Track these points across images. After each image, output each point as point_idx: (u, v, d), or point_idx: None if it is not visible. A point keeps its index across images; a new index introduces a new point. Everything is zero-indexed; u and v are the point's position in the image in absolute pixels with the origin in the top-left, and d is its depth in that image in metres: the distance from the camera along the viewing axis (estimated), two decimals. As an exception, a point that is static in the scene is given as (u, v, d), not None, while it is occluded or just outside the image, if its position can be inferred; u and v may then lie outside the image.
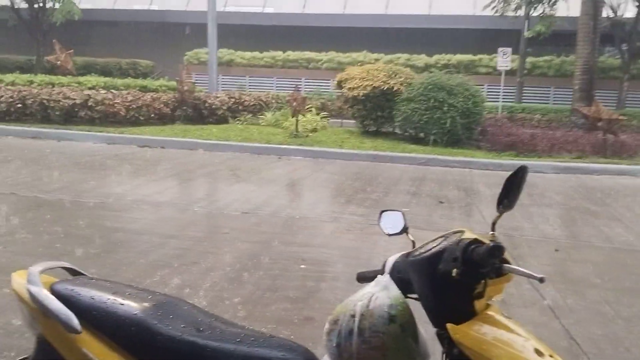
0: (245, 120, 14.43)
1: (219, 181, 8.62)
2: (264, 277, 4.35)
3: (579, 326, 3.73)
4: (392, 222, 2.02)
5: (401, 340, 1.64)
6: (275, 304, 3.85)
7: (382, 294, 1.70)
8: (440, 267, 1.55)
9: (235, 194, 7.32)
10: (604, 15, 17.85)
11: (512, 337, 1.48)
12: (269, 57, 22.61)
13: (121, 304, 1.63)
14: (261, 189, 7.89)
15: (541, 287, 4.32)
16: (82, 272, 1.91)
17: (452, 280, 1.50)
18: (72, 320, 1.59)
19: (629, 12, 19.79)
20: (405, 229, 1.98)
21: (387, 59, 19.99)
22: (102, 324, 1.61)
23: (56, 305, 1.61)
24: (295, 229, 5.79)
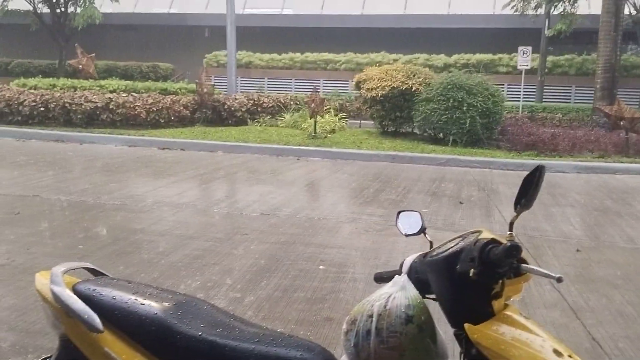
0: (264, 121, 14.48)
1: (238, 182, 8.67)
2: (283, 277, 4.37)
3: (601, 327, 3.69)
4: (409, 222, 2.02)
5: (419, 340, 1.65)
6: (294, 305, 3.87)
7: (400, 294, 1.70)
8: (457, 267, 1.55)
9: (254, 195, 7.36)
10: (626, 12, 17.57)
11: (531, 337, 1.47)
12: (287, 59, 22.66)
13: (142, 304, 1.66)
14: (280, 190, 7.92)
15: (562, 287, 4.29)
16: (103, 272, 1.94)
17: (469, 280, 1.50)
18: (95, 319, 1.61)
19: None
20: (422, 230, 1.98)
21: (405, 59, 19.90)
22: (123, 323, 1.63)
23: (79, 305, 1.64)
24: (314, 229, 5.80)
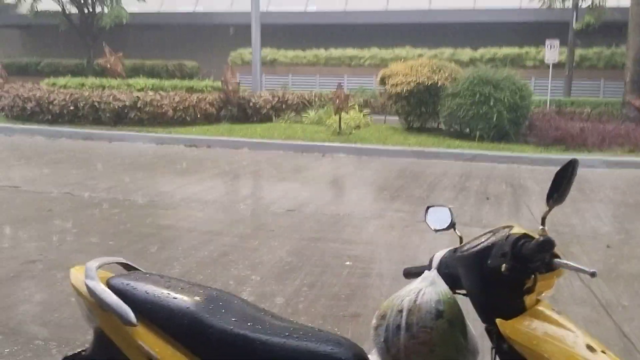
0: (288, 118, 14.51)
1: (263, 179, 8.72)
2: (310, 273, 4.39)
3: (633, 324, 3.63)
4: (438, 217, 2.00)
5: (449, 335, 1.64)
6: (321, 300, 3.88)
7: (430, 289, 1.70)
8: (489, 262, 1.54)
9: (279, 192, 7.39)
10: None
11: (563, 332, 1.46)
12: (311, 56, 22.65)
13: (174, 298, 1.69)
14: (305, 186, 7.94)
15: (593, 284, 4.22)
16: (136, 267, 1.97)
17: (501, 275, 1.48)
18: (128, 313, 1.65)
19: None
20: (452, 225, 1.97)
21: (431, 54, 19.72)
22: (156, 316, 1.66)
23: (113, 298, 1.67)
24: (340, 226, 5.81)
